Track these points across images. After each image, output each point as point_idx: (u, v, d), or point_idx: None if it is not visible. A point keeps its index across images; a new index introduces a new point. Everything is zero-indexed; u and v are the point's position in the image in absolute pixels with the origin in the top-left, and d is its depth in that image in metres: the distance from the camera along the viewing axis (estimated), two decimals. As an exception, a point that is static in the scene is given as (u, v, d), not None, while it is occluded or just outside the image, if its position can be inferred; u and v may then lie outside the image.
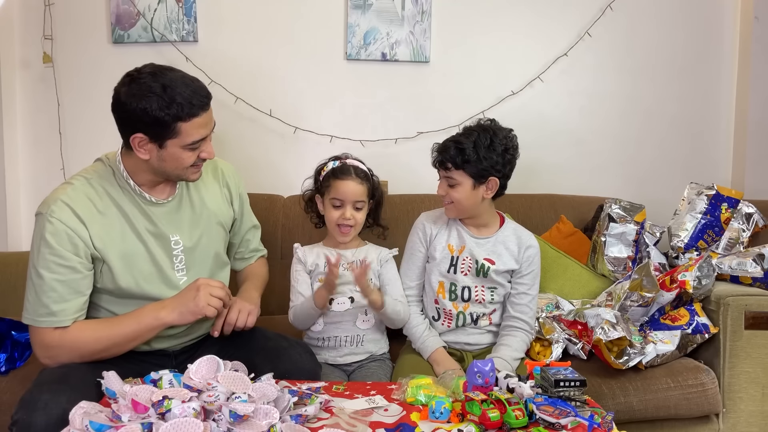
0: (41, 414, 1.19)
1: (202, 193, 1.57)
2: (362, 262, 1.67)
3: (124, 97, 1.35)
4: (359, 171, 1.70)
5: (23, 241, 2.37)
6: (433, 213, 1.82)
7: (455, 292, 1.72)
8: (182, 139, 1.38)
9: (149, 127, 1.35)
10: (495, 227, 1.76)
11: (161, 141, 1.37)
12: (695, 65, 2.57)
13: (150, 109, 1.33)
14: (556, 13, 2.47)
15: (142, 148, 1.39)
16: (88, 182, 1.44)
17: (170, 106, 1.33)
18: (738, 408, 1.85)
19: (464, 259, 1.72)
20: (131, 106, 1.34)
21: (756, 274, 1.97)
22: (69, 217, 1.36)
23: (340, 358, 1.70)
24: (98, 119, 2.35)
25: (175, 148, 1.39)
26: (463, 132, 1.69)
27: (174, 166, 1.42)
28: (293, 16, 2.38)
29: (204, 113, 1.39)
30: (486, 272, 1.71)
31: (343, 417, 1.21)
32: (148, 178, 1.46)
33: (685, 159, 2.60)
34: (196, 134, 1.39)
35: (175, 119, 1.35)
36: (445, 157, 1.66)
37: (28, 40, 2.30)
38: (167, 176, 1.46)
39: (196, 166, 1.46)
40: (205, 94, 1.41)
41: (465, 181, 1.65)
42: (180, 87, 1.35)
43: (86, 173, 1.47)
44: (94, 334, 1.38)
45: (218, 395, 1.15)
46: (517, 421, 1.14)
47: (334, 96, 2.42)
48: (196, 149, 1.42)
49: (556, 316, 1.88)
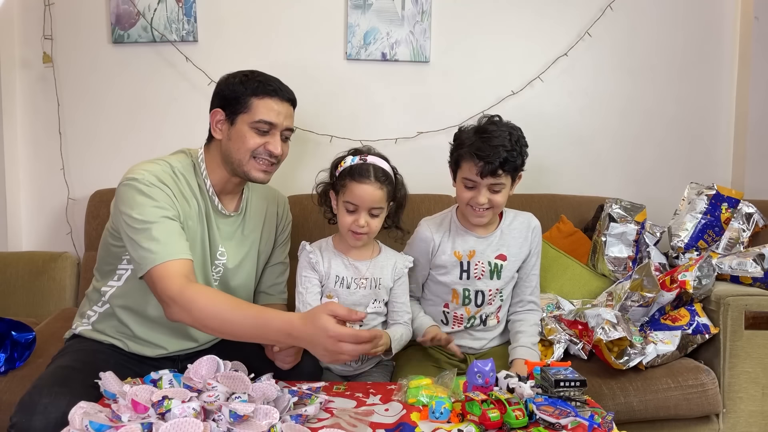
0: (40, 418, 1.18)
1: (258, 216, 1.59)
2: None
3: (219, 81, 1.49)
4: (379, 173, 1.52)
5: (23, 241, 2.38)
6: (434, 220, 1.74)
7: (469, 297, 1.69)
8: (251, 114, 1.42)
9: (227, 101, 1.44)
10: (496, 221, 1.72)
11: (234, 117, 1.44)
12: (695, 65, 2.57)
13: (233, 83, 1.45)
14: (556, 13, 2.47)
15: (218, 126, 1.47)
16: (171, 168, 1.43)
17: (249, 82, 1.44)
18: (738, 408, 1.85)
19: (476, 264, 1.68)
20: (221, 85, 1.47)
21: (756, 274, 1.97)
22: (156, 180, 1.37)
23: (343, 369, 1.66)
24: (98, 119, 2.35)
25: (243, 125, 1.43)
26: (492, 133, 1.57)
27: (238, 148, 1.43)
28: (293, 16, 2.38)
29: (279, 101, 1.45)
30: (499, 271, 1.69)
31: (344, 417, 1.21)
32: (220, 176, 1.48)
33: (685, 159, 2.60)
34: (265, 114, 1.43)
35: (249, 93, 1.43)
36: (496, 163, 1.54)
37: (28, 40, 2.30)
38: (233, 167, 1.46)
39: (261, 162, 1.45)
40: (288, 90, 1.49)
41: (508, 183, 1.60)
42: (266, 76, 1.47)
43: (169, 159, 1.46)
44: (211, 305, 1.26)
45: (218, 395, 1.15)
46: (518, 421, 1.14)
47: (334, 96, 2.41)
48: (263, 135, 1.44)
49: (556, 316, 1.88)
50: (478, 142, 1.56)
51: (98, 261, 1.52)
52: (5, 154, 2.26)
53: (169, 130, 2.36)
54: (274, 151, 1.45)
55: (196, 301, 1.25)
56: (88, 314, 1.50)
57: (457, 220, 1.71)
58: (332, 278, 1.57)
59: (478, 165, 1.55)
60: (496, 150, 1.53)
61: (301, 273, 1.59)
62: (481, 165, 1.54)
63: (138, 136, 2.35)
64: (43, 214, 2.38)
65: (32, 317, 2.05)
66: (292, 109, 1.50)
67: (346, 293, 1.58)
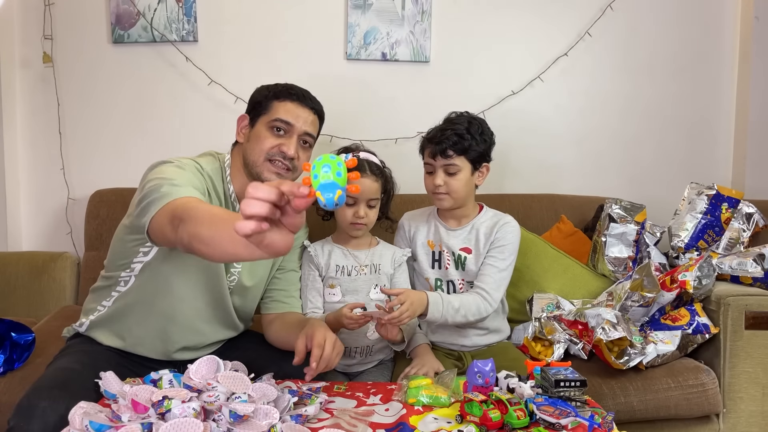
0: (38, 422, 1.16)
1: None
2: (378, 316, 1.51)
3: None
4: (373, 167, 1.65)
5: (23, 241, 2.37)
6: (413, 212, 1.85)
7: (441, 287, 1.75)
8: (269, 115, 1.46)
9: (253, 106, 1.50)
10: (472, 215, 1.77)
11: (255, 119, 1.48)
12: (695, 65, 2.57)
13: (261, 89, 1.52)
14: (556, 13, 2.47)
15: (242, 131, 1.51)
16: (200, 168, 1.42)
17: (275, 88, 1.50)
18: (738, 408, 1.85)
19: (443, 253, 1.75)
20: (252, 94, 1.53)
21: (756, 274, 1.97)
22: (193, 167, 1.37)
23: (349, 367, 1.68)
24: (98, 119, 2.35)
25: (261, 126, 1.46)
26: (452, 120, 1.70)
27: (253, 149, 1.45)
28: (293, 15, 2.37)
29: (300, 105, 1.48)
30: (463, 263, 1.72)
31: (344, 417, 1.21)
32: (241, 182, 1.48)
33: (685, 159, 2.60)
34: (282, 113, 1.45)
35: (272, 97, 1.48)
36: (446, 143, 1.64)
37: (28, 40, 2.30)
38: (249, 169, 1.46)
39: (274, 165, 1.44)
40: (313, 99, 1.53)
41: (465, 167, 1.67)
42: (294, 86, 1.52)
43: (198, 160, 1.45)
44: (203, 213, 1.10)
45: (218, 395, 1.15)
46: (519, 421, 1.14)
47: (334, 96, 2.40)
48: (279, 136, 1.45)
49: (556, 316, 1.88)
50: (434, 130, 1.71)
51: (110, 257, 1.48)
52: (5, 154, 2.26)
53: (169, 130, 2.36)
54: (287, 152, 1.44)
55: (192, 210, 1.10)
56: (98, 309, 1.47)
57: (435, 213, 1.81)
58: (332, 268, 1.67)
59: (430, 147, 1.68)
60: (445, 132, 1.66)
61: (303, 271, 1.69)
62: (432, 146, 1.68)
63: (138, 136, 2.35)
64: (43, 214, 2.38)
65: (32, 317, 2.05)
66: (317, 119, 1.53)
67: (347, 280, 1.67)
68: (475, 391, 1.22)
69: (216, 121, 2.31)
